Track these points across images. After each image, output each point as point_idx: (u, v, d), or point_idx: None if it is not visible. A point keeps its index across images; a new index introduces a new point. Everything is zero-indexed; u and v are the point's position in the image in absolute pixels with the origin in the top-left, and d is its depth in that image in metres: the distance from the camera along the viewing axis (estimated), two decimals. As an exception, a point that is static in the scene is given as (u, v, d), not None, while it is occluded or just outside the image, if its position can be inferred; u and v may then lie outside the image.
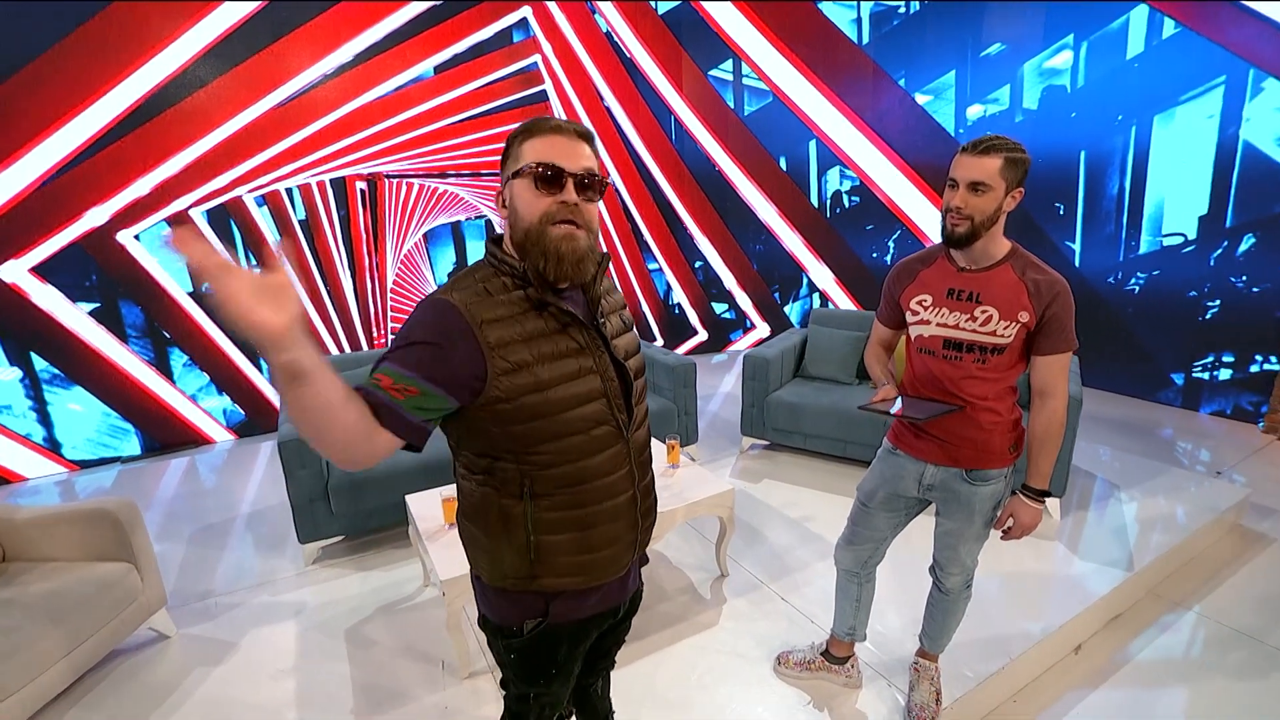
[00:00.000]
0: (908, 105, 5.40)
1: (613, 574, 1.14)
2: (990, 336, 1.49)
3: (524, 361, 0.97)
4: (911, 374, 1.65)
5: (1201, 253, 4.17)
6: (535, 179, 0.97)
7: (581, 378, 1.02)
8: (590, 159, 1.01)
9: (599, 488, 1.06)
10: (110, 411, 4.09)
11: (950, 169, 1.48)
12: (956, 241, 1.48)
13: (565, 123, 1.01)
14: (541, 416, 0.99)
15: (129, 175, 3.89)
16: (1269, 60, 3.72)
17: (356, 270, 4.75)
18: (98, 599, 2.02)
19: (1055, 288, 1.45)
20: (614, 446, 1.07)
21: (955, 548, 1.69)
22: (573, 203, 0.98)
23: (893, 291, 1.67)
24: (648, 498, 1.18)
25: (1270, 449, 3.75)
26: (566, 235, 0.98)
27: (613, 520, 1.10)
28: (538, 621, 1.11)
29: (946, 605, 1.80)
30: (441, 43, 4.67)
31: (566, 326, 1.03)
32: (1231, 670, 2.13)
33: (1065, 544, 2.72)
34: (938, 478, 1.63)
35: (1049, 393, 1.51)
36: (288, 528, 3.09)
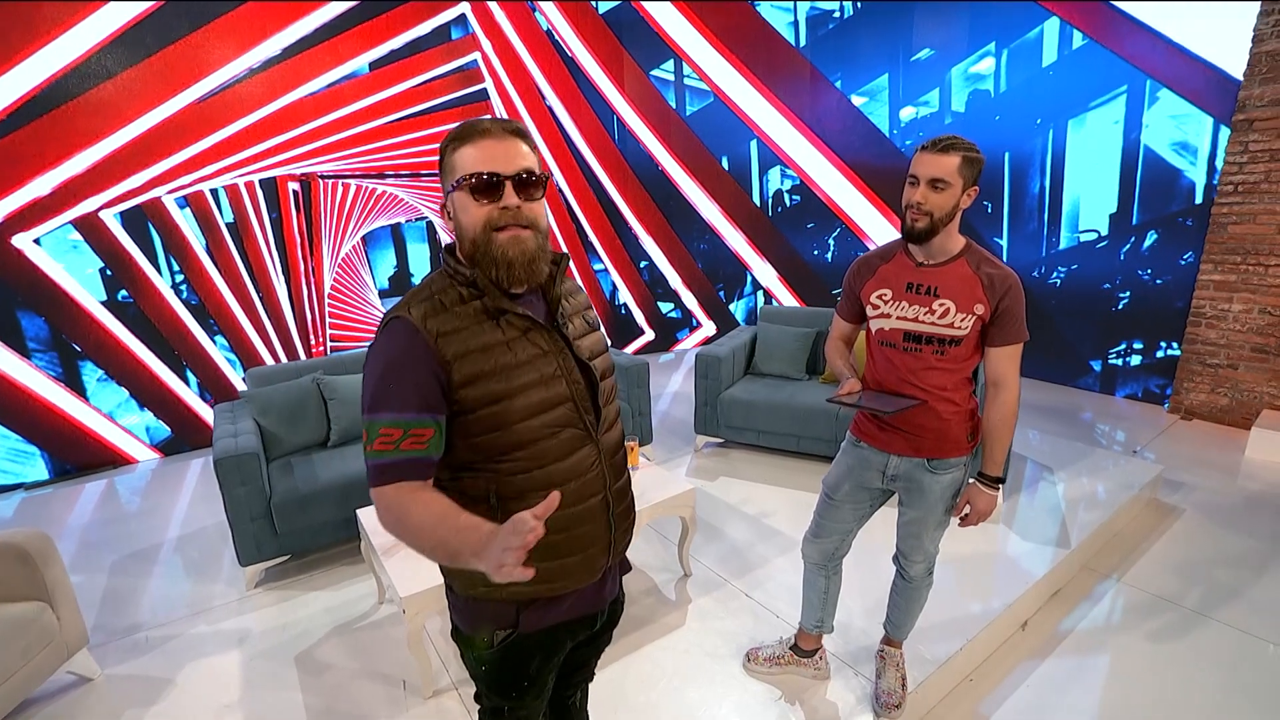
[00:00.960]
0: (844, 107, 5.58)
1: (586, 579, 1.11)
2: (948, 329, 1.54)
3: (483, 372, 0.97)
4: (873, 367, 1.70)
5: (1113, 248, 4.50)
6: (472, 189, 0.97)
7: (545, 383, 1.01)
8: (526, 156, 0.99)
9: (568, 491, 1.04)
10: (9, 433, 3.72)
11: (910, 166, 1.53)
12: (917, 237, 1.53)
13: (494, 123, 0.98)
14: (505, 426, 0.99)
15: (24, 173, 3.54)
16: (1162, 71, 4.05)
17: (291, 275, 4.50)
18: (6, 644, 1.82)
19: (1008, 281, 1.52)
20: (582, 449, 1.06)
21: (919, 536, 1.75)
22: (514, 206, 0.97)
23: (853, 286, 1.71)
24: (623, 500, 1.16)
25: (1175, 427, 4.08)
26: (513, 239, 0.97)
27: (584, 524, 1.08)
28: (508, 632, 1.09)
29: (910, 593, 1.86)
30: (376, 38, 4.48)
31: (526, 332, 1.02)
32: (1157, 633, 2.30)
33: (1006, 525, 2.86)
34: (901, 468, 1.68)
35: (1002, 384, 1.58)
36: (225, 550, 2.91)
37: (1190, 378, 4.12)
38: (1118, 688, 2.06)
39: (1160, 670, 2.13)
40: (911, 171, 1.51)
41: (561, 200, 5.68)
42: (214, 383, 4.36)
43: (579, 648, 1.26)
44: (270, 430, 2.87)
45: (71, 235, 3.76)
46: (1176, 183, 4.11)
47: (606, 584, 1.19)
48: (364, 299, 4.87)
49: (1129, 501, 2.99)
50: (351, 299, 4.81)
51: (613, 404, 1.14)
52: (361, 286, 4.86)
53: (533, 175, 0.99)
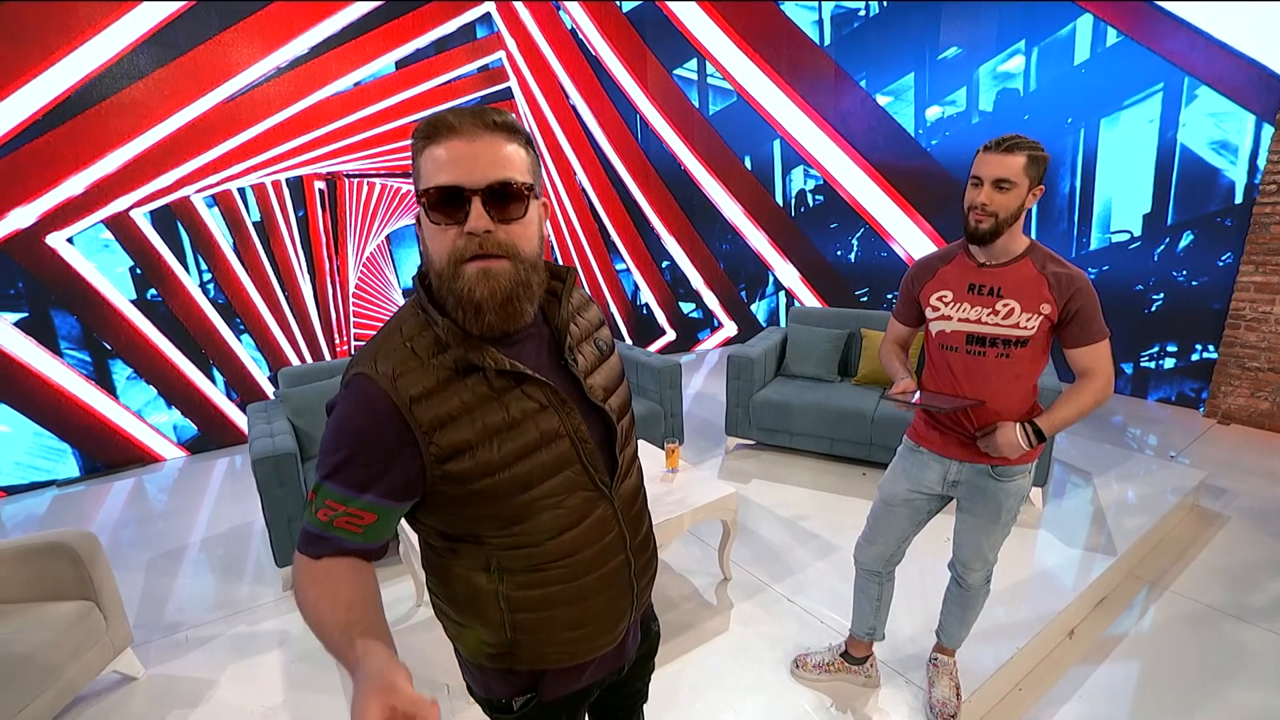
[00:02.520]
0: (869, 106, 5.53)
1: (608, 645, 0.98)
2: (1013, 329, 1.51)
3: (465, 443, 0.79)
4: (932, 371, 1.66)
5: (1146, 249, 4.42)
6: (429, 206, 0.75)
7: (545, 446, 0.83)
8: (506, 161, 0.76)
9: (581, 561, 0.90)
10: (42, 431, 3.74)
11: (973, 167, 1.49)
12: (981, 238, 1.49)
13: (467, 116, 0.75)
14: (500, 500, 0.82)
15: (59, 173, 3.56)
16: (1201, 69, 3.97)
17: (316, 274, 4.51)
18: (57, 643, 1.82)
19: (1076, 282, 1.48)
20: (596, 511, 0.90)
21: (979, 543, 1.71)
22: (482, 230, 0.74)
23: (911, 289, 1.68)
24: (644, 552, 1.01)
25: (1212, 432, 4.00)
26: (480, 275, 0.75)
27: (604, 591, 0.94)
28: (528, 697, 0.96)
29: (966, 601, 1.82)
30: (402, 37, 4.48)
31: (519, 383, 0.82)
32: (1207, 642, 2.25)
33: (1047, 530, 2.82)
34: (963, 474, 1.65)
35: (1093, 372, 1.52)
36: (259, 550, 2.90)
37: (1228, 381, 4.04)
38: (1169, 697, 2.02)
39: (1211, 680, 2.08)
40: (975, 173, 1.48)
41: (584, 199, 5.66)
42: (240, 382, 4.37)
43: (615, 688, 1.15)
44: (304, 430, 2.87)
45: (103, 234, 3.77)
46: (1215, 182, 4.03)
47: (629, 639, 1.05)
48: (388, 298, 4.87)
49: (1173, 508, 2.93)
50: (376, 298, 4.81)
51: (629, 446, 0.96)
52: (386, 285, 4.86)
53: (510, 186, 0.76)
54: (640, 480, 1.02)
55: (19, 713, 1.69)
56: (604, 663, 1.01)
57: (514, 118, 0.80)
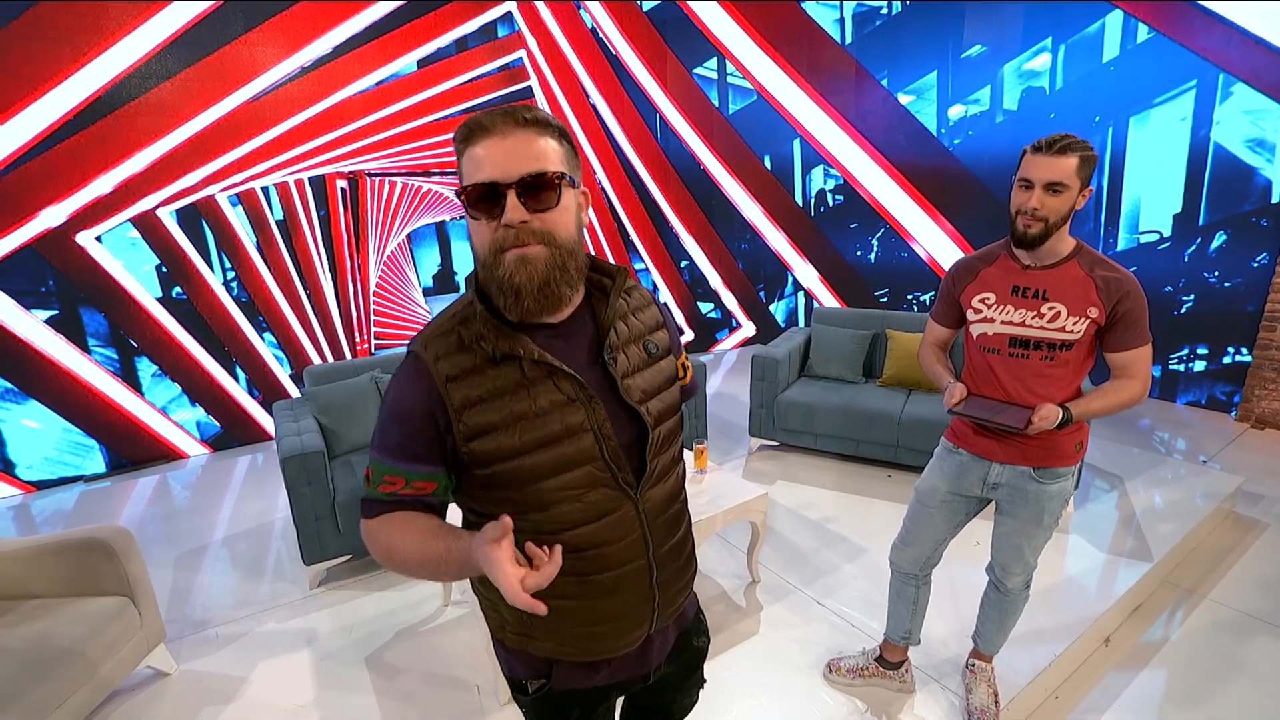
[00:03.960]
0: (890, 105, 5.47)
1: (620, 649, 0.98)
2: (1059, 333, 1.47)
3: (490, 425, 0.83)
4: (971, 374, 1.63)
5: (1176, 249, 4.34)
6: (469, 203, 0.81)
7: (568, 438, 0.86)
8: (538, 155, 0.80)
9: (598, 557, 0.91)
10: (71, 427, 3.79)
11: (1021, 169, 1.45)
12: (1030, 243, 1.46)
13: (498, 115, 0.80)
14: (519, 485, 0.86)
15: (88, 172, 3.60)
16: (1237, 65, 3.89)
17: (338, 272, 4.53)
18: (94, 638, 1.84)
19: (1125, 285, 1.45)
20: (617, 510, 0.91)
21: (1020, 547, 1.68)
22: (518, 222, 0.79)
23: (952, 290, 1.65)
24: (674, 562, 1.01)
25: (1245, 437, 3.92)
26: (519, 262, 0.80)
27: (617, 593, 0.94)
28: (541, 683, 1.00)
29: (1006, 606, 1.79)
30: (424, 36, 4.49)
31: (551, 374, 0.85)
32: (1246, 651, 2.19)
33: (1080, 535, 2.77)
34: (1004, 476, 1.61)
35: (1131, 375, 1.50)
36: (284, 547, 2.92)
37: (1263, 385, 3.96)
38: (1207, 707, 1.97)
39: (1251, 690, 2.03)
40: (1023, 175, 1.43)
41: (604, 198, 5.65)
42: (262, 379, 4.40)
43: (648, 694, 1.14)
44: (330, 428, 2.87)
45: (130, 233, 3.81)
46: (1250, 181, 3.95)
47: (653, 649, 1.04)
48: (408, 297, 4.88)
49: (1208, 514, 2.87)
50: (396, 297, 4.83)
51: (666, 451, 0.96)
52: (406, 284, 4.87)
53: (542, 177, 0.79)
54: (677, 489, 1.01)
55: (58, 707, 1.71)
56: (622, 666, 1.01)
57: (546, 113, 0.83)
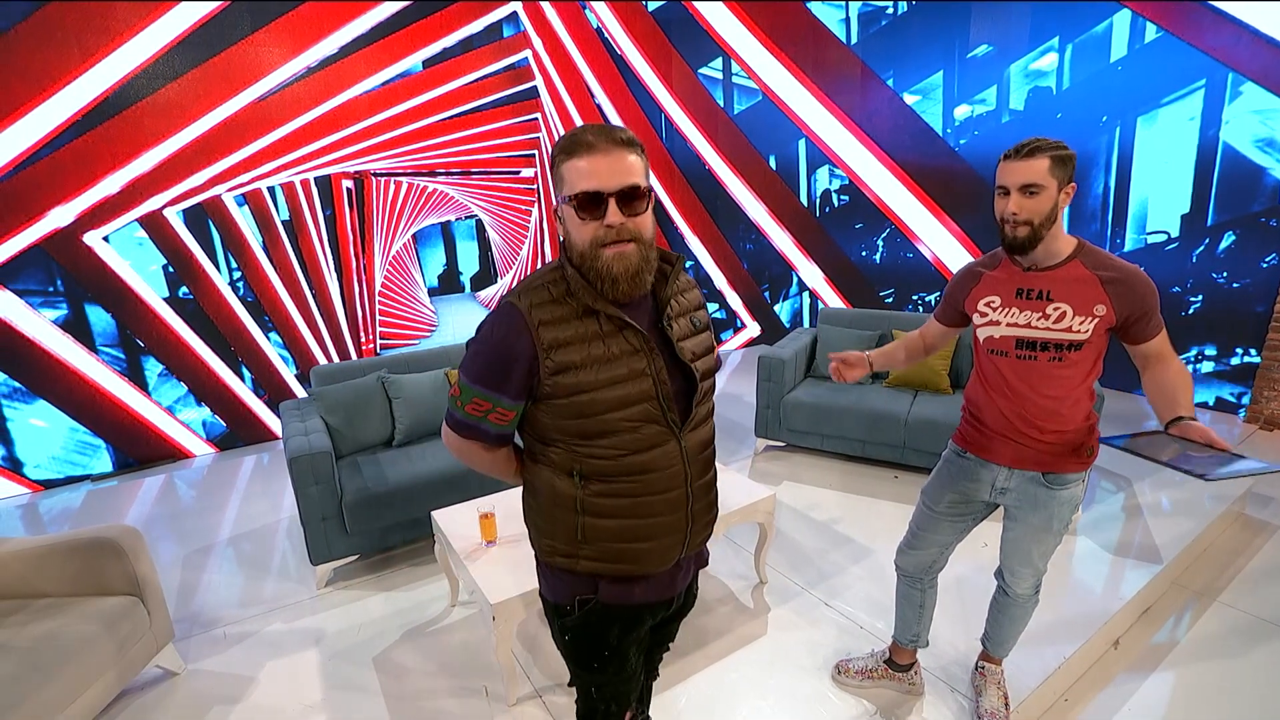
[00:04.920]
0: (896, 105, 5.45)
1: (658, 566, 1.16)
2: (1066, 333, 1.46)
3: (574, 363, 1.03)
4: (980, 378, 1.63)
5: (1184, 250, 4.32)
6: (577, 207, 1.00)
7: (632, 380, 1.05)
8: (631, 170, 1.00)
9: (646, 481, 1.09)
10: (78, 426, 3.80)
11: (997, 177, 1.46)
12: (1020, 247, 1.45)
13: (600, 135, 0.99)
14: (590, 414, 1.04)
15: (96, 172, 3.61)
16: (1247, 64, 3.87)
17: (343, 272, 4.53)
18: (103, 637, 1.84)
19: (1131, 280, 1.42)
20: (665, 445, 1.09)
21: (1029, 552, 1.66)
22: (618, 223, 0.99)
23: (956, 296, 1.65)
24: (705, 496, 1.19)
25: (1254, 438, 3.90)
26: (618, 256, 1.01)
27: (660, 514, 1.12)
28: (589, 599, 1.16)
29: (1014, 611, 1.78)
30: (429, 36, 4.49)
31: (622, 329, 1.06)
32: (1257, 654, 2.18)
33: (1088, 538, 2.75)
34: (1012, 481, 1.60)
35: (1163, 358, 1.47)
36: (291, 547, 2.92)
37: (1271, 386, 3.94)
38: (1219, 710, 1.96)
39: (1262, 693, 2.01)
40: (1000, 182, 1.44)
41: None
42: (268, 379, 4.40)
43: (655, 628, 1.32)
44: (337, 429, 2.88)
45: (137, 233, 3.82)
46: (1260, 181, 3.93)
47: (680, 573, 1.23)
48: (414, 297, 4.89)
49: (1218, 517, 2.86)
50: (401, 297, 4.83)
51: (705, 403, 1.16)
52: (411, 284, 4.88)
53: (637, 189, 1.00)
54: (710, 438, 1.21)
55: (68, 706, 1.71)
56: (654, 586, 1.19)
57: (631, 133, 1.03)
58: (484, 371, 1.06)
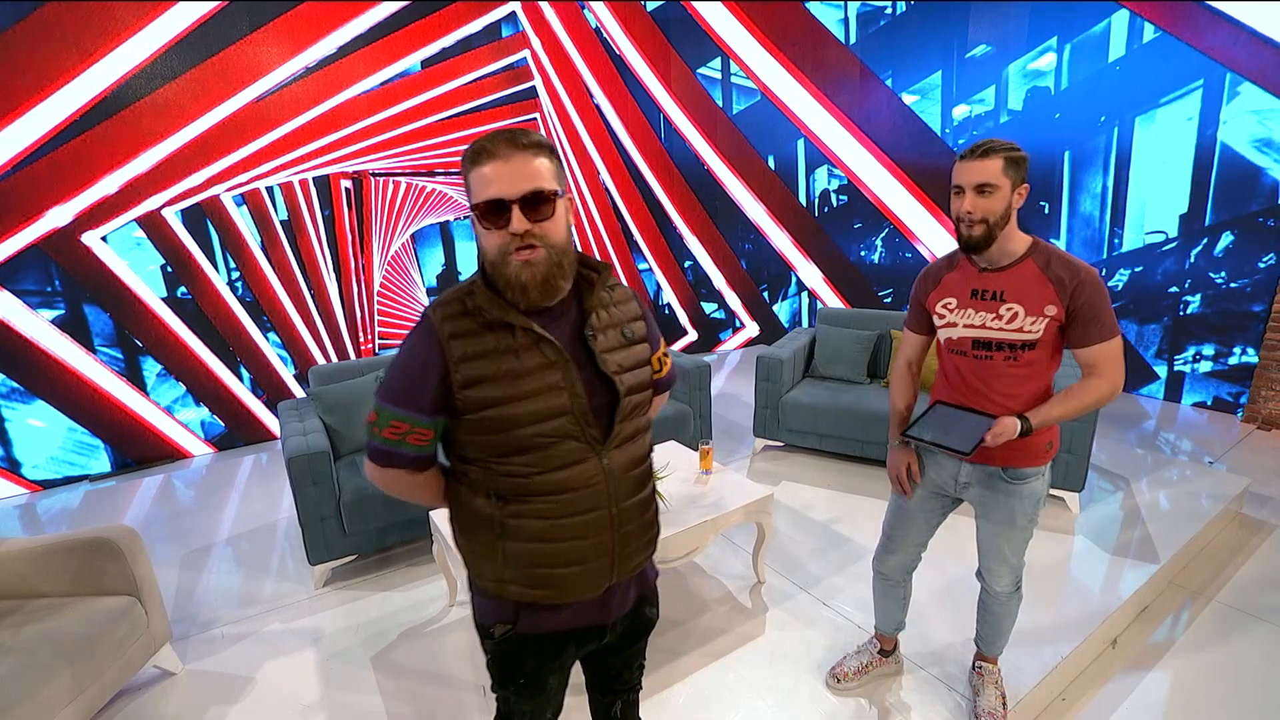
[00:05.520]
0: (895, 105, 5.46)
1: (582, 593, 1.10)
2: (1018, 333, 1.49)
3: (484, 376, 1.00)
4: (944, 376, 1.67)
5: (1182, 250, 4.32)
6: (481, 216, 0.97)
7: (546, 394, 1.01)
8: (534, 175, 0.95)
9: (563, 501, 1.05)
10: (76, 426, 3.80)
11: (953, 177, 1.49)
12: (975, 246, 1.49)
13: (502, 141, 0.95)
14: (502, 430, 1.01)
15: (94, 172, 3.61)
16: (1244, 64, 3.88)
17: (342, 272, 4.53)
18: (101, 637, 1.84)
19: (1080, 277, 1.44)
20: (583, 462, 1.05)
21: (1001, 549, 1.68)
22: (522, 230, 0.95)
23: (919, 298, 1.69)
24: (638, 517, 1.13)
25: (1252, 438, 3.90)
26: (524, 263, 0.97)
27: (581, 537, 1.07)
28: (506, 628, 1.12)
29: (999, 609, 1.79)
30: (428, 36, 4.49)
31: (538, 341, 1.01)
32: (1255, 653, 2.19)
33: (1086, 537, 2.76)
34: (974, 476, 1.63)
35: (1098, 372, 1.48)
36: (289, 548, 2.92)
37: (1269, 385, 3.94)
38: (1216, 709, 1.96)
39: (1260, 692, 2.02)
40: (955, 182, 1.48)
41: (608, 198, 5.65)
42: (266, 379, 4.40)
43: (600, 657, 1.27)
44: (335, 429, 2.87)
45: (135, 233, 3.82)
46: (1257, 181, 3.93)
47: (614, 599, 1.16)
48: (412, 297, 4.88)
49: (1215, 516, 2.86)
50: (400, 297, 4.83)
51: (633, 420, 1.10)
52: (410, 284, 4.87)
53: (540, 193, 0.96)
54: (643, 455, 1.15)
55: (65, 706, 1.71)
56: (582, 613, 1.13)
57: (540, 135, 0.99)
58: (399, 389, 1.03)
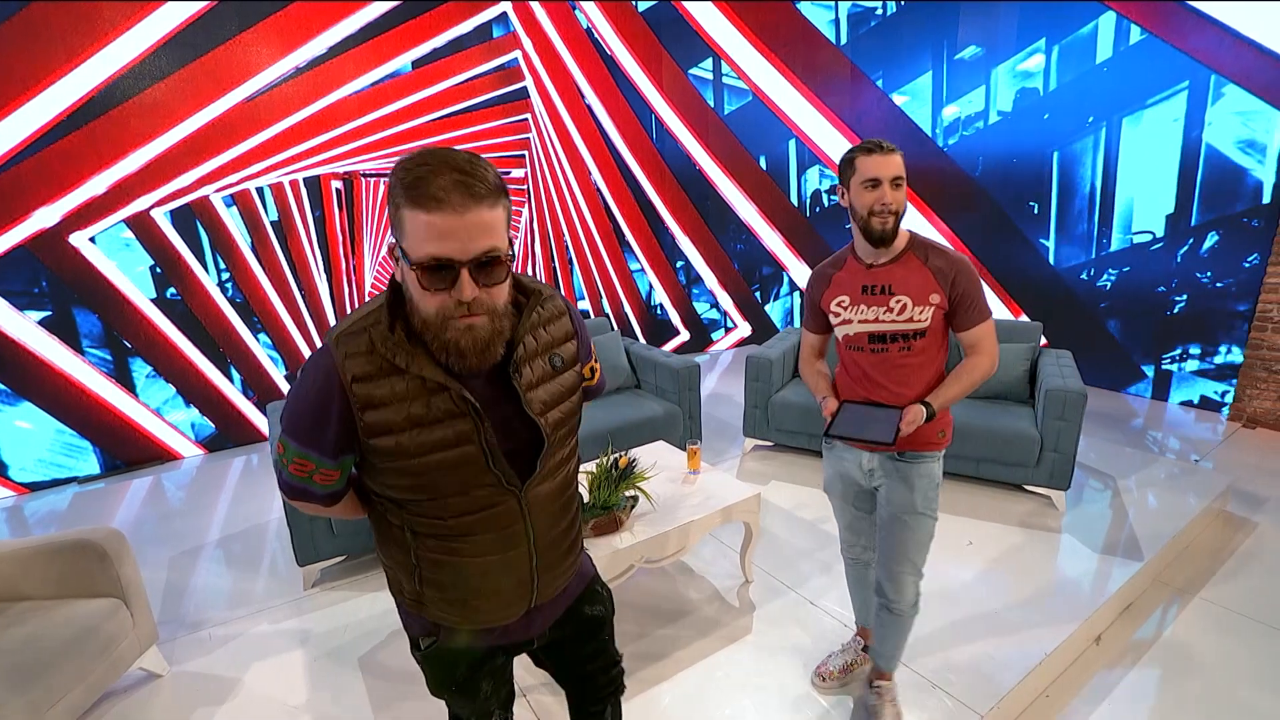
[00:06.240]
0: (885, 105, 5.49)
1: (500, 620, 1.09)
2: (909, 323, 1.57)
3: (389, 424, 0.92)
4: (843, 371, 1.72)
5: (1169, 250, 4.36)
6: (421, 275, 0.83)
7: (457, 445, 0.94)
8: (490, 230, 0.83)
9: (479, 542, 1.01)
10: (64, 428, 3.78)
11: (861, 170, 1.52)
12: (886, 239, 1.54)
13: (455, 188, 0.80)
14: (412, 476, 0.95)
15: (82, 173, 3.59)
16: (1229, 67, 3.91)
17: (333, 273, 4.52)
18: (85, 640, 1.84)
19: (956, 266, 1.55)
20: (500, 504, 1.00)
21: (905, 542, 1.67)
22: (470, 298, 0.85)
23: (814, 299, 1.74)
24: (554, 550, 1.10)
25: (1237, 436, 3.94)
26: (467, 329, 0.87)
27: (496, 574, 1.04)
28: (431, 640, 1.12)
29: (899, 625, 1.78)
30: (419, 37, 4.49)
31: (446, 388, 0.93)
32: (1237, 649, 2.21)
33: (1071, 534, 2.78)
34: (875, 462, 1.70)
35: (979, 350, 1.60)
36: (278, 549, 2.92)
37: (1254, 384, 3.98)
38: (1198, 705, 1.99)
39: (1241, 688, 2.04)
40: (870, 175, 1.51)
41: (599, 199, 5.65)
42: (256, 381, 4.39)
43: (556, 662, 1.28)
44: (324, 429, 2.87)
45: (124, 234, 3.80)
46: (1242, 182, 3.97)
47: (536, 618, 1.15)
48: (404, 298, 4.88)
49: (1200, 513, 2.89)
50: (391, 298, 4.83)
51: (558, 453, 1.05)
52: (401, 285, 4.87)
53: (496, 257, 0.85)
54: (567, 483, 1.11)
55: (50, 708, 1.70)
56: (505, 633, 1.13)
57: (494, 175, 0.85)
58: (300, 427, 0.95)
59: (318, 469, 0.97)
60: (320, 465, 0.96)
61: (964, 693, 1.94)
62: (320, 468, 0.97)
